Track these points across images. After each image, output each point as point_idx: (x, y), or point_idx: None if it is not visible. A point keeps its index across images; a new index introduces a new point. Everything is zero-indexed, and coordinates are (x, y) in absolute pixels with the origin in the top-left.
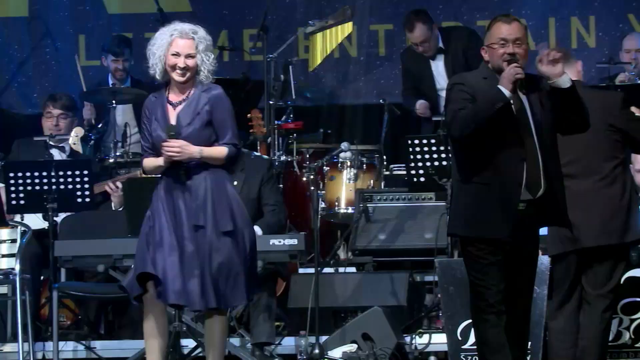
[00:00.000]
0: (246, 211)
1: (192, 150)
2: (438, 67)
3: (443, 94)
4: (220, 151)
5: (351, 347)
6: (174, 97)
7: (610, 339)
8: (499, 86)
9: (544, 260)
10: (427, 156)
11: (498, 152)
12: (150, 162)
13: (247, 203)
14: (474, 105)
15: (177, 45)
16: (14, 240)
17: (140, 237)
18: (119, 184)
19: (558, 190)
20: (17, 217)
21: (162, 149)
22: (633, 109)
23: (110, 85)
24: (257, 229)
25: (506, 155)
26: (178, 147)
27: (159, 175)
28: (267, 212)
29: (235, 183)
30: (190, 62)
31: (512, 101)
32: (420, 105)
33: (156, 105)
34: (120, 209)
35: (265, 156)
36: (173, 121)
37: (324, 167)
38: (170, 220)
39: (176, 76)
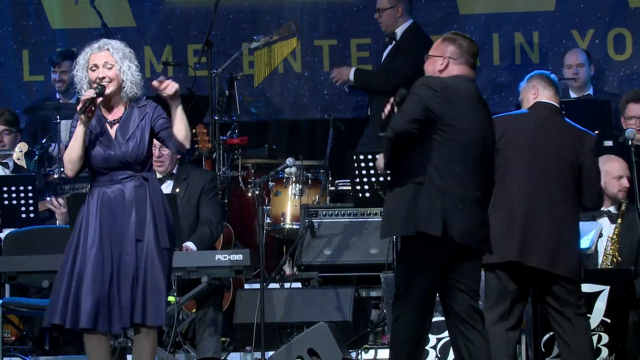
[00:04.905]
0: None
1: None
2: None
3: None
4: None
5: None
6: (110, 115)
7: (555, 354)
8: None
9: None
10: (372, 171)
11: None
12: (69, 145)
13: (188, 210)
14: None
15: (94, 59)
16: None
17: (63, 261)
18: (62, 201)
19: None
20: None
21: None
22: None
23: (58, 101)
24: (191, 244)
25: None
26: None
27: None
28: (201, 225)
29: (178, 190)
30: (110, 73)
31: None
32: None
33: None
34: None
35: (210, 171)
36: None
37: (270, 183)
38: (103, 235)
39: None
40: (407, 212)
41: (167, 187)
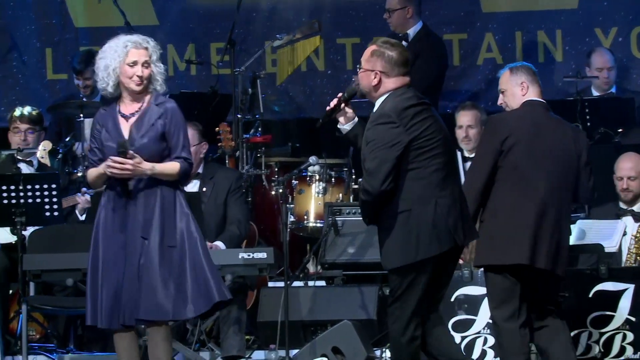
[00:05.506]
0: (196, 232)
1: (144, 168)
2: None
3: None
4: (172, 167)
5: None
6: (126, 109)
7: (580, 352)
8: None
9: None
10: None
11: None
12: (92, 172)
13: (215, 209)
14: None
15: (134, 55)
16: None
17: (89, 261)
18: (88, 197)
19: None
20: None
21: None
22: None
23: (81, 99)
24: (220, 244)
25: None
26: (130, 166)
27: (104, 188)
28: (229, 224)
29: (205, 189)
30: (147, 72)
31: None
32: None
33: (107, 118)
34: (84, 214)
35: (236, 170)
36: (126, 133)
37: (293, 181)
38: (116, 233)
39: (134, 86)
40: (404, 242)
41: (193, 186)
